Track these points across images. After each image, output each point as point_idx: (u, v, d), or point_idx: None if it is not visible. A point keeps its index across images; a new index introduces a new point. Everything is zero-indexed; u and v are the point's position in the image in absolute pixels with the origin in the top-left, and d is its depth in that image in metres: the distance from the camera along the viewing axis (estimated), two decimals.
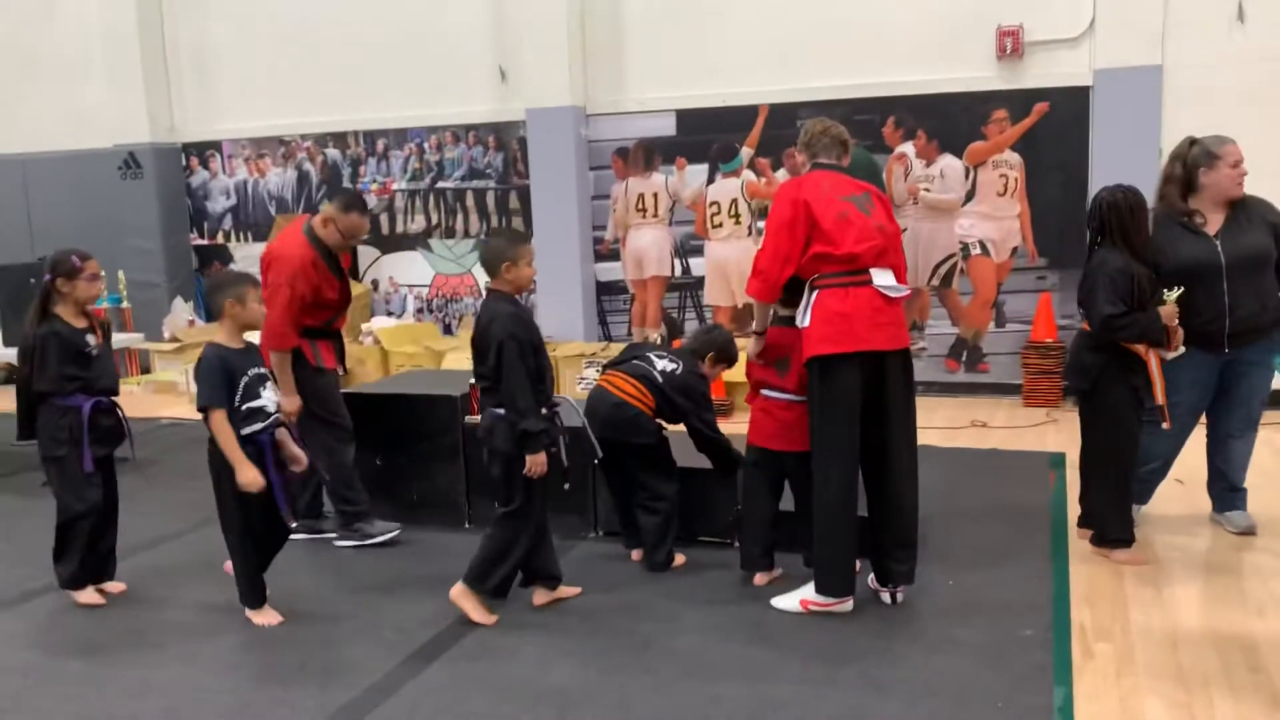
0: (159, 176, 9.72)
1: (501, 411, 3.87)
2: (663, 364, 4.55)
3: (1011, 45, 7.28)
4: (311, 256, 4.73)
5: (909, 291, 4.02)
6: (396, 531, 4.97)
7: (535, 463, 3.87)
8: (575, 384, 7.87)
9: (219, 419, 3.86)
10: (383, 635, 3.95)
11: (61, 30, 9.98)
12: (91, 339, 4.25)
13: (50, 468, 4.26)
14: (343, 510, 4.96)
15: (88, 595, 4.36)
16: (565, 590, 4.22)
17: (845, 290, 3.78)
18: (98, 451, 4.22)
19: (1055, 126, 7.39)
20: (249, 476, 3.84)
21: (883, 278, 3.82)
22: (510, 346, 3.80)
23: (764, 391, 4.24)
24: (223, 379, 3.87)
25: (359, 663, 3.73)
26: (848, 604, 3.96)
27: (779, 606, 4.01)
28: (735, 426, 6.88)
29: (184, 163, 9.94)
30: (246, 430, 3.92)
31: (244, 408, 3.92)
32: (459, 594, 4.00)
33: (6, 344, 6.31)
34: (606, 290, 8.77)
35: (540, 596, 4.17)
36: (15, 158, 10.27)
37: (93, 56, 9.80)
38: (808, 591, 3.98)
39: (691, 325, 8.53)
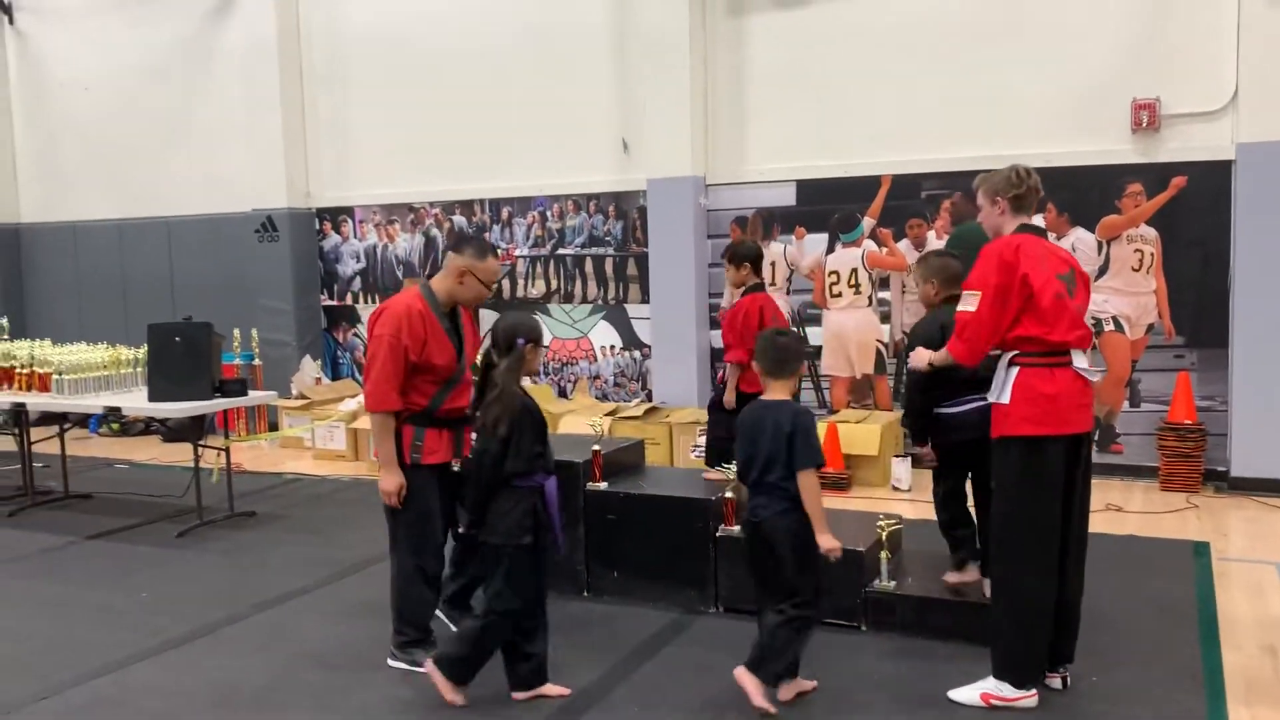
0: (293, 239, 10.14)
1: None
2: None
3: (1148, 118, 7.09)
4: (421, 307, 4.18)
5: (1101, 375, 3.92)
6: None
7: None
8: (689, 451, 7.83)
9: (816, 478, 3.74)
10: (501, 698, 3.94)
11: (209, 103, 10.57)
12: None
13: (507, 556, 3.79)
14: (401, 630, 4.31)
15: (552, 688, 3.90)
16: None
17: (1050, 371, 3.71)
18: (544, 537, 3.85)
19: (1194, 201, 7.14)
20: (833, 544, 3.70)
21: (1081, 359, 3.77)
22: None
23: None
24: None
25: None
26: (1034, 698, 3.78)
27: (957, 699, 3.84)
28: (853, 502, 6.77)
29: (317, 227, 10.36)
30: None
31: None
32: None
33: (152, 398, 6.55)
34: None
35: None
36: (160, 220, 10.86)
37: (236, 126, 10.33)
38: (990, 685, 3.80)
39: (808, 395, 8.43)
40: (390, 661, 4.31)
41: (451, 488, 4.28)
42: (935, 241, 7.87)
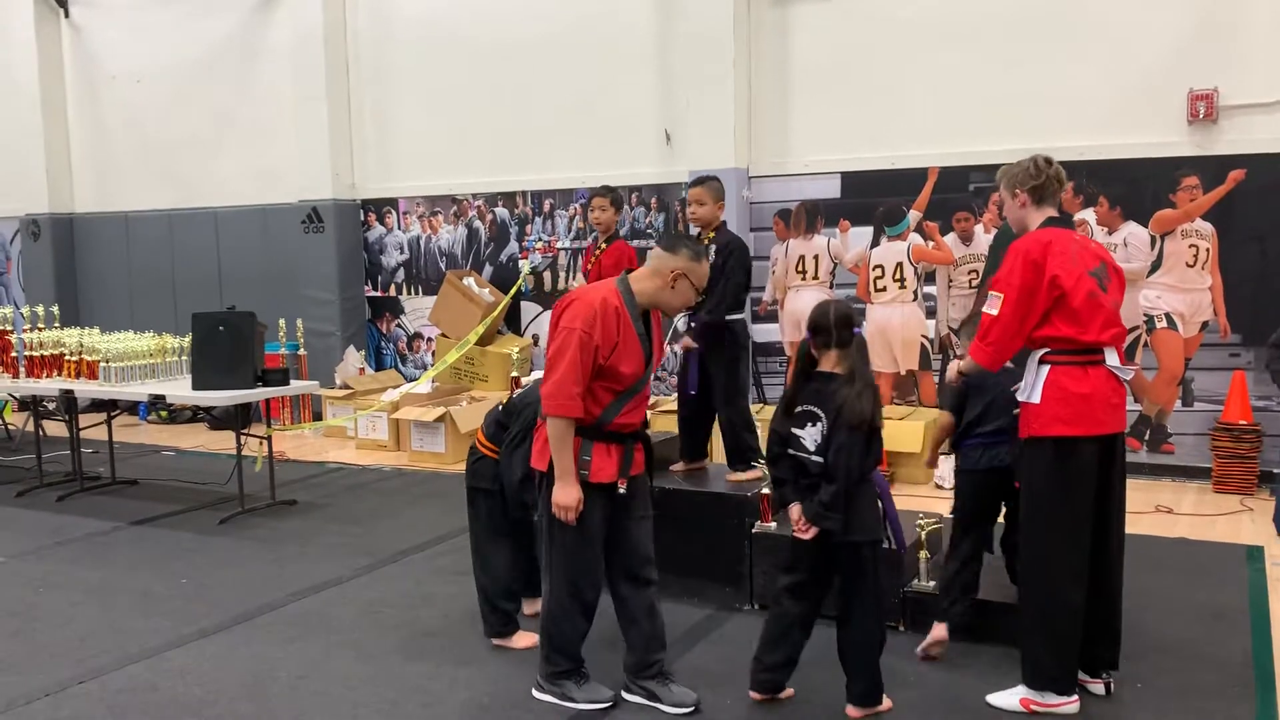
0: (338, 231, 10.20)
1: None
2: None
3: (1205, 109, 6.89)
4: (617, 304, 3.67)
5: (1135, 371, 3.79)
6: (608, 704, 3.86)
7: None
8: None
9: None
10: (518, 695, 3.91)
11: (257, 95, 10.67)
12: None
13: (872, 553, 3.62)
14: (550, 659, 3.91)
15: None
16: None
17: (1083, 370, 3.60)
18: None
19: (1252, 195, 6.93)
20: None
21: (1113, 357, 3.65)
22: None
23: None
24: None
25: None
26: (1075, 703, 3.68)
27: (996, 704, 3.76)
28: (895, 500, 6.63)
29: (362, 218, 10.42)
30: None
31: None
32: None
33: (195, 387, 6.62)
34: (763, 351, 8.66)
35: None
36: (208, 210, 10.99)
37: (284, 119, 10.42)
38: (1030, 689, 3.72)
39: None
40: (536, 693, 3.93)
41: (619, 512, 3.79)
42: (983, 235, 7.73)
